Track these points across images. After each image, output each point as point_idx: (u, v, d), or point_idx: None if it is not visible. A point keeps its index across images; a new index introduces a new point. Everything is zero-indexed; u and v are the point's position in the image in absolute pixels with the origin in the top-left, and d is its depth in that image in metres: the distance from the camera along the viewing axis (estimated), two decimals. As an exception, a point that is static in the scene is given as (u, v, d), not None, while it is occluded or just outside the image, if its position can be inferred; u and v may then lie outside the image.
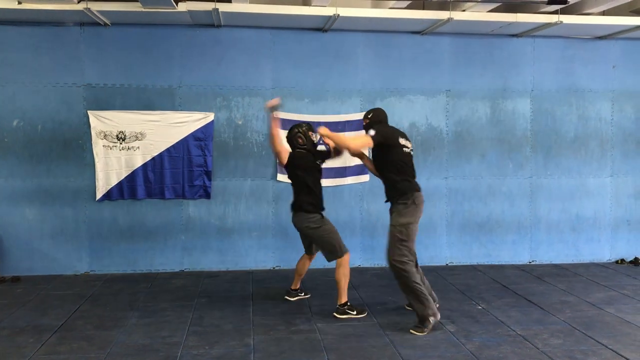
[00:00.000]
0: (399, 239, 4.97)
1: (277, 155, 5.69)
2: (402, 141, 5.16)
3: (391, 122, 7.17)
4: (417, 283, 4.94)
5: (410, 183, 5.12)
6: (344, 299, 5.39)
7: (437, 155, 7.42)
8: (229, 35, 7.00)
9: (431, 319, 4.88)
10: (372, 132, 5.07)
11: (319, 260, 7.30)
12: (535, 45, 7.52)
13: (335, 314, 5.37)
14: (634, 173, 7.79)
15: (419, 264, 7.04)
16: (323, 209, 5.60)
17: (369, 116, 5.36)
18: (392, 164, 5.13)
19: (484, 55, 7.44)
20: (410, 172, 5.17)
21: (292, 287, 5.99)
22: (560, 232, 7.69)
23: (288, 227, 7.16)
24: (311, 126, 5.66)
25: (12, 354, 4.43)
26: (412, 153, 5.25)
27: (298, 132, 5.52)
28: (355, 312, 5.34)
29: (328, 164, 7.10)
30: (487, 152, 7.51)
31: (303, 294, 6.01)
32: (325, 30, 7.10)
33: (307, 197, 5.47)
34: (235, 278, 6.78)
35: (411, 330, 4.89)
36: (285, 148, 5.59)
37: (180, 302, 5.80)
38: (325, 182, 7.10)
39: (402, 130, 5.65)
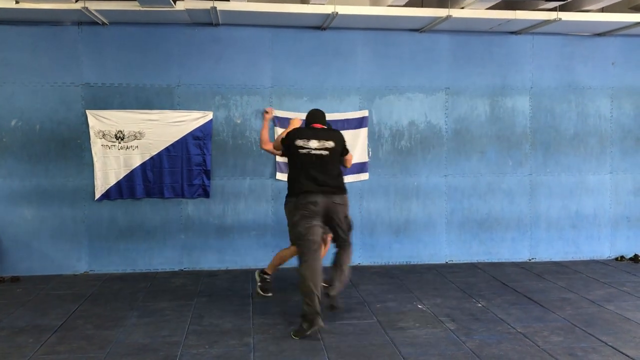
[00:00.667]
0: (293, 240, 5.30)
1: (272, 152, 6.00)
2: (300, 142, 5.09)
3: (390, 120, 7.28)
4: (307, 285, 4.75)
5: (299, 184, 5.07)
6: (268, 269, 5.99)
7: (437, 153, 7.42)
8: (228, 34, 6.99)
9: (304, 325, 4.71)
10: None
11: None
12: (535, 42, 7.51)
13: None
14: (633, 170, 7.79)
15: (418, 262, 7.06)
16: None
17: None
18: (290, 164, 5.32)
19: (483, 53, 7.43)
20: (306, 173, 5.06)
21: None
22: (560, 230, 7.68)
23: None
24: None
25: (11, 354, 4.42)
26: (317, 153, 5.07)
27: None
28: (260, 283, 5.94)
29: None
30: (486, 150, 7.50)
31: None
32: (324, 29, 7.09)
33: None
34: (235, 277, 6.77)
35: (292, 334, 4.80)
36: (271, 144, 5.85)
37: (179, 301, 5.79)
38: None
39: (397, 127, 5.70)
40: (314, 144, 5.10)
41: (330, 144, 5.14)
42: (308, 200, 4.99)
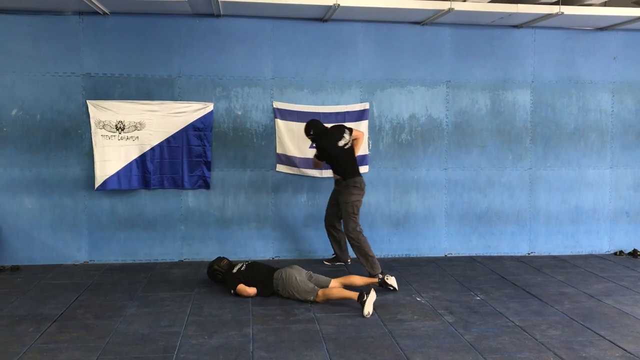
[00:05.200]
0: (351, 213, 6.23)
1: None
2: (340, 143, 6.22)
3: (391, 112, 7.31)
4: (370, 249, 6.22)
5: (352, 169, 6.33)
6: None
7: (437, 147, 7.42)
8: (229, 25, 6.97)
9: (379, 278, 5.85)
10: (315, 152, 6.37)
11: (319, 252, 7.33)
12: (536, 36, 7.49)
13: None
14: (633, 165, 7.79)
15: (417, 255, 7.09)
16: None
17: (311, 132, 6.33)
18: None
19: (484, 46, 7.41)
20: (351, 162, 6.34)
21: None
22: (559, 224, 7.69)
23: (287, 218, 7.19)
24: (231, 263, 6.04)
25: (11, 343, 4.44)
26: (348, 146, 6.27)
27: (217, 270, 5.94)
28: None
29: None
30: (486, 144, 7.50)
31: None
32: (326, 20, 7.07)
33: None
34: (235, 268, 6.78)
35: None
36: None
37: (179, 292, 5.81)
38: (325, 173, 7.16)
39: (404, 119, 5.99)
40: (344, 140, 6.28)
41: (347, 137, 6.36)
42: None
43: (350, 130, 6.41)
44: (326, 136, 6.28)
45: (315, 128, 6.32)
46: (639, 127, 7.76)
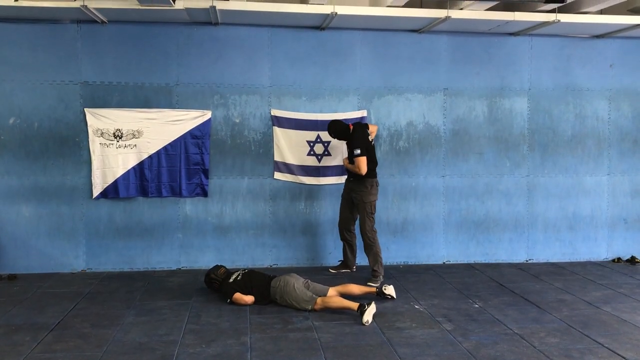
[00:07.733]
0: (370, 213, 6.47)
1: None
2: (369, 137, 6.56)
3: (388, 120, 7.33)
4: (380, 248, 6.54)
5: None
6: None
7: (435, 154, 7.42)
8: (227, 33, 6.99)
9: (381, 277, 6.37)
10: (357, 151, 6.31)
11: (317, 259, 7.32)
12: (533, 43, 7.52)
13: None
14: (630, 172, 7.81)
15: (415, 262, 7.06)
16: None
17: (332, 132, 6.60)
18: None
19: (481, 54, 7.44)
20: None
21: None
22: (557, 231, 7.70)
23: (285, 225, 7.19)
24: (229, 272, 6.01)
25: (8, 352, 4.42)
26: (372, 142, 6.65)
27: (213, 278, 5.91)
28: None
29: (327, 162, 7.16)
30: (484, 151, 7.51)
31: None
32: (323, 29, 7.09)
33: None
34: (233, 276, 6.76)
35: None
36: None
37: (177, 300, 5.80)
38: (327, 180, 7.19)
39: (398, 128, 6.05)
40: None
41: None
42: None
43: (367, 125, 6.70)
44: (359, 130, 6.49)
45: (336, 126, 6.56)
46: (636, 134, 7.79)
